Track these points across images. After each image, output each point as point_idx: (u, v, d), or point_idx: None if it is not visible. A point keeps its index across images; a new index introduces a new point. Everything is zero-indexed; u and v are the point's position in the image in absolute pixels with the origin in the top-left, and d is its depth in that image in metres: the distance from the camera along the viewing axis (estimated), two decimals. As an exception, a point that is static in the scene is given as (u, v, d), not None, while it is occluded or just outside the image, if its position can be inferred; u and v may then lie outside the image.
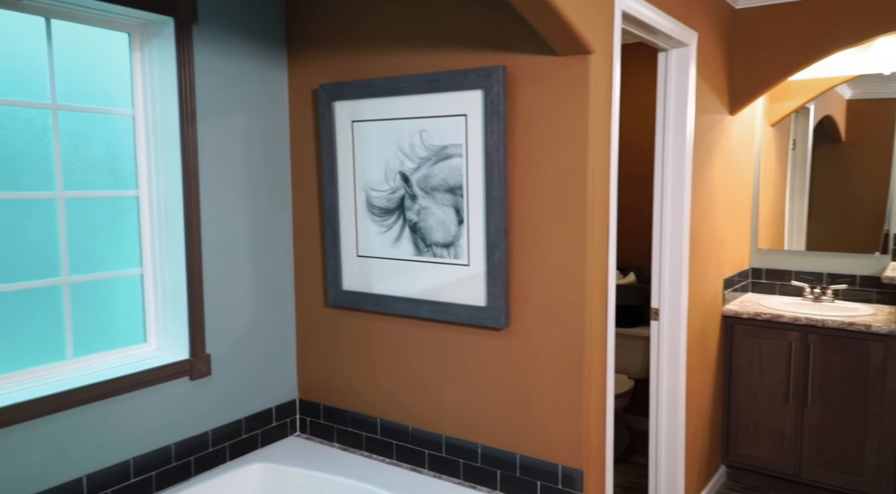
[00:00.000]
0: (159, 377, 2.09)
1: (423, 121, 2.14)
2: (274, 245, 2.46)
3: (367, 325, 2.37)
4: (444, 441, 2.21)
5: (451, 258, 2.13)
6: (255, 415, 2.40)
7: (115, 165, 2.13)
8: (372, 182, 2.28)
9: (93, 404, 1.93)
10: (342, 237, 2.37)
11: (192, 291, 2.18)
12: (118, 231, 2.15)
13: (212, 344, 2.25)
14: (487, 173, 2.01)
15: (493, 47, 2.00)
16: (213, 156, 2.23)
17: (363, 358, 2.39)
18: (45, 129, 1.95)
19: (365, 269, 2.34)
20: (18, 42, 1.88)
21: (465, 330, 2.14)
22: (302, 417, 2.56)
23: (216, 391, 2.27)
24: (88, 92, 2.05)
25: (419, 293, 2.21)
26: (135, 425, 2.04)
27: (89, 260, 2.07)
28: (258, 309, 2.41)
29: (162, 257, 2.21)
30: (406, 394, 2.29)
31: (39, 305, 1.96)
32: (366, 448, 2.39)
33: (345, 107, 2.30)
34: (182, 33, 2.10)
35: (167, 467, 2.12)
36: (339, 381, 2.46)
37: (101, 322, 2.11)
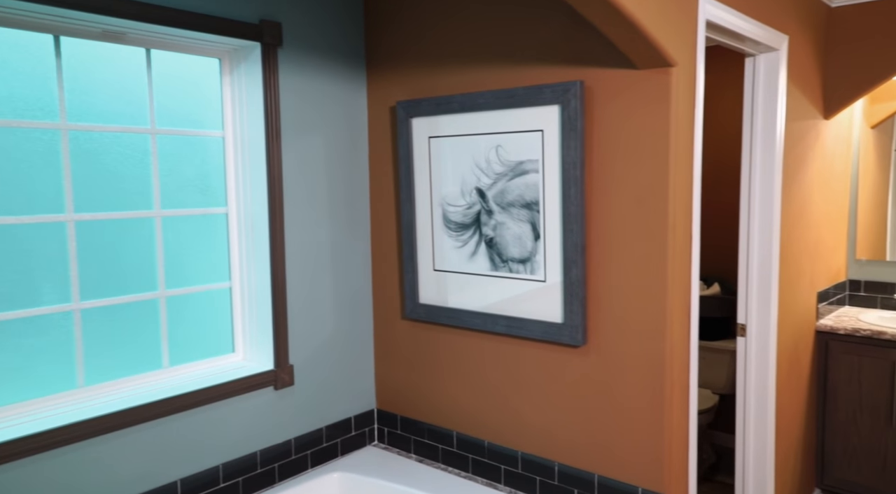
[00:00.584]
0: (246, 386, 2.18)
1: (500, 137, 2.14)
2: (353, 258, 2.52)
3: (443, 338, 2.39)
4: (521, 456, 2.20)
5: (528, 273, 2.12)
6: (335, 424, 2.47)
7: (207, 184, 2.25)
8: (448, 197, 2.30)
9: (187, 411, 2.04)
10: (419, 251, 2.41)
11: (276, 303, 2.27)
12: (209, 246, 2.27)
13: (294, 355, 2.34)
14: (564, 189, 1.99)
15: (571, 62, 1.97)
16: (296, 172, 2.31)
17: (439, 371, 2.41)
18: (145, 152, 2.08)
19: (441, 283, 2.36)
20: (122, 72, 2.02)
21: (541, 346, 2.13)
22: (380, 427, 2.61)
23: (298, 400, 2.35)
24: (182, 115, 2.17)
25: (495, 308, 2.22)
26: (224, 432, 2.14)
27: (183, 274, 2.19)
28: (338, 320, 2.48)
29: (248, 271, 2.31)
30: (482, 408, 2.30)
31: (139, 317, 2.09)
32: (442, 460, 2.42)
33: (422, 124, 2.33)
34: (268, 57, 2.19)
35: (253, 473, 2.22)
36: (415, 393, 2.49)
37: (193, 333, 2.23)
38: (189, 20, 1.97)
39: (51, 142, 1.87)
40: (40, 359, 1.88)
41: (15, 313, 1.83)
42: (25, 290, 1.85)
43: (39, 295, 1.88)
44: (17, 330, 1.84)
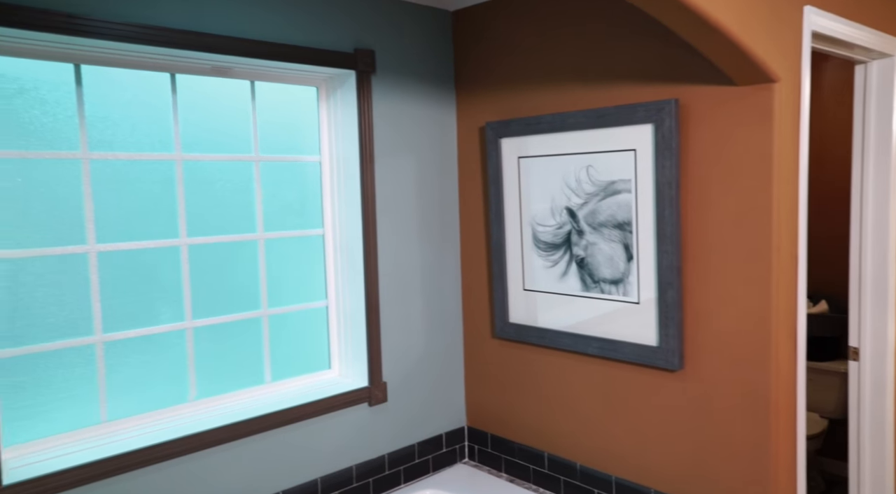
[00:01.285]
0: (342, 402, 2.26)
1: (591, 157, 2.12)
2: (443, 277, 2.56)
3: (533, 357, 2.38)
4: (615, 481, 2.15)
5: (620, 295, 2.09)
6: (426, 441, 2.51)
7: (304, 207, 2.35)
8: (538, 217, 2.30)
9: (287, 426, 2.13)
10: (508, 270, 2.41)
11: (370, 322, 2.33)
12: (307, 267, 2.37)
13: (388, 372, 2.40)
14: (658, 209, 1.95)
15: (664, 79, 1.93)
16: (389, 194, 2.38)
17: (530, 390, 2.40)
18: (249, 179, 2.20)
19: (531, 303, 2.36)
20: (227, 103, 2.15)
21: (635, 369, 2.08)
22: (470, 444, 2.63)
23: (392, 416, 2.41)
24: (282, 142, 2.28)
25: (586, 329, 2.19)
26: (322, 447, 2.22)
27: (283, 293, 2.30)
28: (429, 338, 2.52)
29: (344, 290, 2.40)
30: (573, 430, 2.27)
31: (244, 335, 2.21)
32: (533, 480, 2.40)
33: (511, 144, 2.35)
34: (362, 84, 2.27)
35: (349, 487, 2.29)
36: (506, 411, 2.49)
37: (292, 349, 2.33)
38: (291, 53, 2.07)
39: (167, 171, 2.02)
40: (157, 375, 2.02)
41: (137, 331, 1.97)
42: (145, 310, 1.99)
43: (157, 314, 2.02)
44: (138, 347, 1.98)
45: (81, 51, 1.79)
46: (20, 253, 1.76)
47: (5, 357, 1.75)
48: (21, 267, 1.77)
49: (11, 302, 1.76)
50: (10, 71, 1.74)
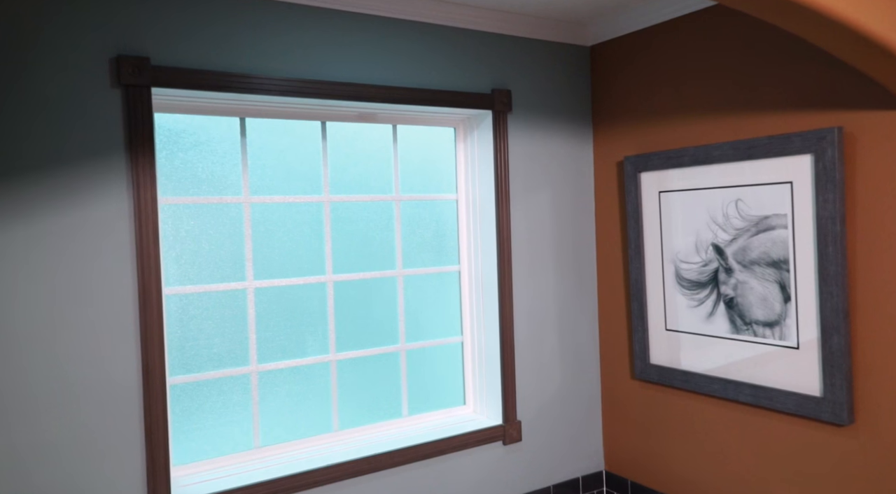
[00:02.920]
0: (477, 440, 2.25)
1: (739, 190, 2.00)
2: (580, 316, 2.51)
3: (677, 402, 2.25)
4: (773, 544, 1.97)
5: (776, 339, 1.93)
6: (562, 484, 2.44)
7: (441, 244, 2.40)
8: (681, 253, 2.20)
9: (423, 461, 2.16)
10: (649, 309, 2.31)
11: (504, 359, 2.32)
12: (444, 303, 2.41)
13: (522, 411, 2.36)
14: (820, 247, 1.79)
15: (824, 106, 1.79)
16: (524, 230, 2.38)
17: (673, 437, 2.27)
18: (390, 217, 2.29)
19: (674, 344, 2.24)
20: (370, 147, 2.27)
21: (795, 421, 1.90)
22: (609, 490, 2.52)
23: (526, 457, 2.37)
24: (421, 182, 2.36)
25: (737, 374, 2.04)
26: (456, 484, 2.22)
27: (420, 329, 2.36)
28: (565, 378, 2.47)
29: (479, 326, 2.41)
30: (722, 483, 2.10)
31: (383, 368, 2.28)
32: (678, 535, 2.25)
33: (651, 178, 2.27)
34: (498, 123, 2.31)
35: (483, 526, 2.26)
36: (647, 457, 2.36)
37: (428, 384, 2.37)
38: (431, 97, 2.15)
39: (316, 213, 2.15)
40: (304, 404, 2.13)
41: (287, 363, 2.10)
42: (294, 342, 2.12)
43: (305, 346, 2.14)
44: (287, 378, 2.11)
45: (247, 106, 1.97)
46: (191, 289, 1.95)
47: (177, 383, 1.93)
48: (190, 302, 1.95)
49: (182, 334, 1.94)
50: (187, 126, 1.95)
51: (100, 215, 1.68)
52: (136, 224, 1.72)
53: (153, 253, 1.74)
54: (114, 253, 1.70)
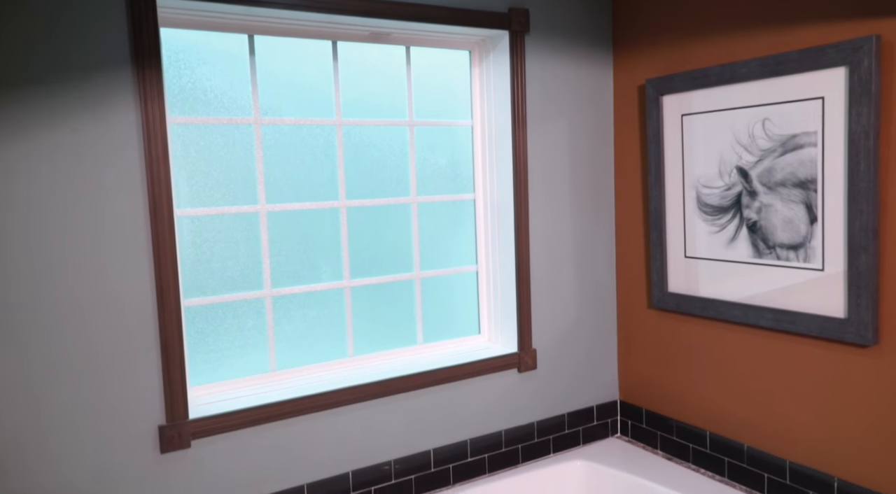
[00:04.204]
0: (492, 367, 2.25)
1: (767, 109, 1.92)
2: (596, 244, 2.46)
3: (695, 330, 2.22)
4: (789, 466, 1.96)
5: (800, 261, 1.88)
6: (576, 412, 2.44)
7: (456, 172, 2.35)
8: (703, 178, 2.13)
9: (438, 386, 2.16)
10: (668, 237, 2.27)
11: (520, 288, 2.30)
12: (458, 232, 2.38)
13: (537, 340, 2.35)
14: (851, 164, 1.72)
15: (859, 14, 1.70)
16: (541, 158, 2.32)
17: (690, 365, 2.25)
18: (404, 143, 2.24)
19: (693, 271, 2.20)
20: (384, 70, 2.20)
21: (816, 343, 1.87)
22: (623, 419, 2.52)
23: (541, 385, 2.37)
24: (435, 107, 2.29)
25: (758, 299, 2.00)
26: (471, 409, 2.23)
27: (435, 257, 2.33)
28: (581, 307, 2.44)
29: (494, 255, 2.38)
30: (740, 409, 2.09)
31: (398, 296, 2.26)
32: (693, 460, 2.25)
33: (673, 101, 2.19)
34: (515, 44, 2.22)
35: (497, 452, 2.28)
36: (663, 386, 2.36)
37: (443, 313, 2.36)
38: (446, 15, 2.07)
39: (328, 136, 2.10)
40: (319, 329, 2.13)
41: (300, 288, 2.08)
42: (309, 268, 2.10)
43: (319, 272, 2.12)
44: (302, 303, 2.09)
45: (255, 21, 1.90)
46: (203, 212, 1.92)
47: (191, 305, 1.92)
48: (202, 225, 1.92)
49: (195, 256, 1.92)
50: (195, 44, 1.88)
51: (108, 131, 1.64)
52: (146, 140, 1.68)
53: (163, 171, 1.71)
54: (124, 170, 1.67)
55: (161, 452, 1.73)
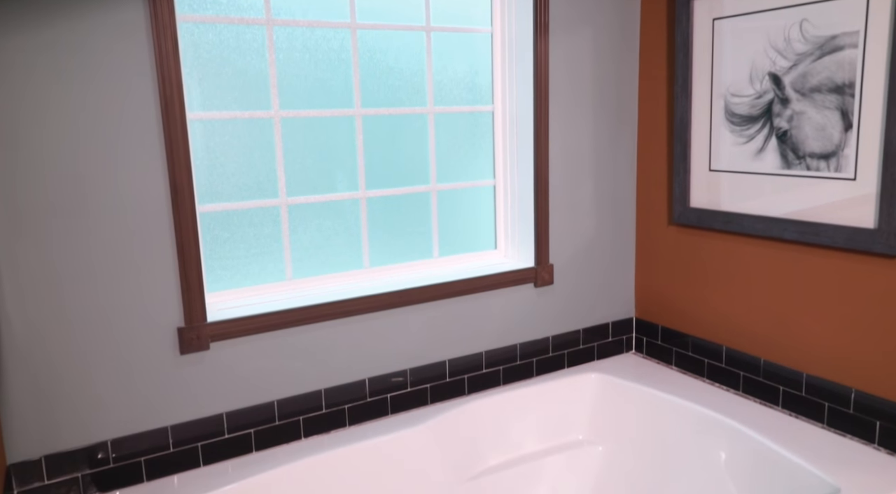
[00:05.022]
0: (509, 281, 2.23)
1: (805, 9, 1.81)
2: (617, 158, 2.40)
3: (715, 245, 2.19)
4: (806, 379, 1.96)
5: (831, 171, 1.82)
6: (592, 328, 2.44)
7: (475, 82, 2.27)
8: (732, 87, 2.05)
9: (454, 298, 2.15)
10: (693, 150, 2.20)
11: (538, 203, 2.26)
12: (475, 144, 2.32)
13: (555, 255, 2.33)
14: (894, 65, 1.63)
15: None
16: (562, 67, 2.23)
17: (709, 281, 2.23)
18: (420, 49, 2.16)
19: (716, 185, 2.14)
20: (400, -30, 2.09)
21: (842, 255, 1.83)
22: (638, 336, 2.52)
23: (557, 300, 2.36)
24: (454, 13, 2.19)
25: (783, 211, 1.95)
26: (486, 322, 2.23)
27: (451, 170, 2.28)
28: (599, 223, 2.40)
29: (512, 168, 2.33)
30: (759, 324, 2.08)
31: (414, 209, 2.23)
32: (707, 375, 2.26)
33: (704, 4, 2.08)
34: (538, -57, 2.10)
35: (512, 364, 2.29)
36: (680, 303, 2.34)
37: (459, 227, 2.33)
38: None
39: (343, 40, 2.03)
40: (335, 240, 2.11)
41: (316, 197, 2.06)
42: (324, 178, 2.06)
43: (334, 182, 2.09)
44: (318, 212, 2.07)
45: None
46: (215, 115, 1.87)
47: (206, 211, 1.90)
48: (215, 129, 1.88)
49: (208, 161, 1.88)
50: (201, -67, 1.79)
51: (116, 28, 1.58)
52: (155, 37, 1.62)
53: (174, 70, 1.65)
54: (133, 69, 1.61)
55: (181, 353, 1.75)
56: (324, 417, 1.97)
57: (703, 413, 1.98)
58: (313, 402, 1.95)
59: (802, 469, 1.66)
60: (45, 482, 1.62)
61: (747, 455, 1.83)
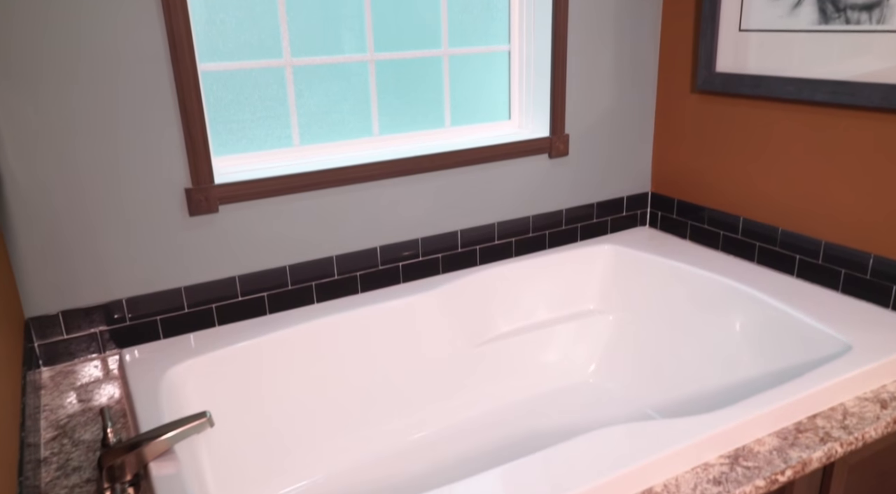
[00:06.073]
0: (522, 150, 2.17)
1: None
2: (640, 21, 2.26)
3: (740, 112, 2.09)
4: (824, 247, 1.92)
5: (872, 23, 1.69)
6: (606, 202, 2.40)
7: (490, -67, 2.11)
8: (771, -66, 1.88)
9: (466, 167, 2.10)
10: (722, 8, 2.05)
11: (555, 69, 2.15)
12: (489, 6, 2.18)
13: (570, 125, 2.25)
14: None
15: None
16: (586, -84, 2.05)
17: (730, 149, 2.15)
18: None
19: (745, 46, 2.02)
20: None
21: (876, 116, 1.74)
22: (653, 211, 2.48)
23: (571, 172, 2.30)
24: None
25: (815, 71, 1.84)
26: (499, 193, 2.18)
27: (463, 34, 2.16)
28: (618, 91, 2.30)
29: (528, 33, 2.20)
30: (780, 192, 2.02)
31: (425, 75, 2.13)
32: (722, 247, 2.23)
33: None
34: None
35: (525, 236, 2.27)
36: (698, 175, 2.28)
37: (471, 96, 2.23)
38: None
39: None
40: (343, 106, 2.03)
41: (322, 58, 1.96)
42: (331, 38, 1.96)
43: (340, 44, 1.98)
44: (325, 75, 1.98)
45: None
46: (212, -37, 1.75)
47: (208, 70, 1.82)
48: (214, -21, 1.76)
49: (207, 16, 1.78)
50: None
51: None
52: None
53: None
54: None
55: (190, 215, 1.73)
56: (336, 283, 1.98)
57: (716, 280, 1.97)
58: (325, 269, 1.95)
59: (814, 328, 1.66)
60: (64, 336, 1.65)
61: (758, 319, 1.83)
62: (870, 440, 1.34)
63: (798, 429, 1.35)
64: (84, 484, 1.23)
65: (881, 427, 1.36)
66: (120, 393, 1.54)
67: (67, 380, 1.59)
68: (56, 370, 1.64)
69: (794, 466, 1.25)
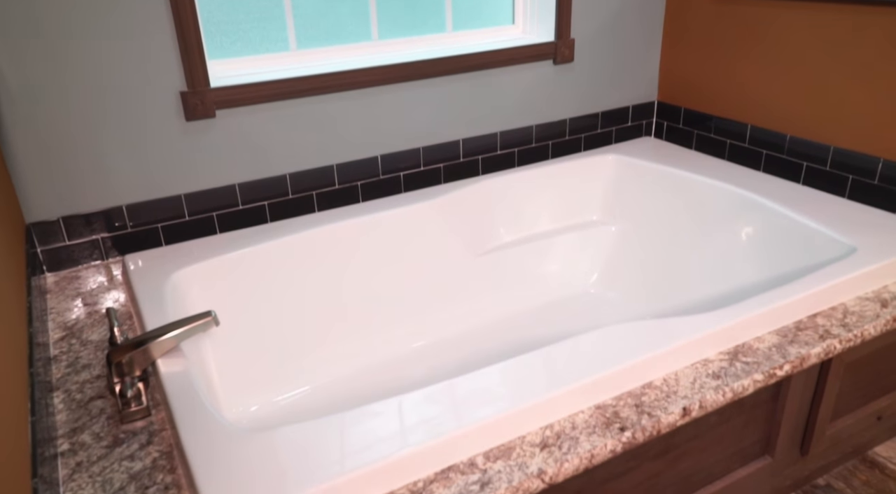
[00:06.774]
0: (527, 55, 2.10)
1: None
2: (653, -83, 2.14)
3: (752, 14, 2.01)
4: (832, 153, 1.89)
5: (900, -89, 1.60)
6: (611, 112, 2.35)
7: None
8: None
9: (469, 73, 2.04)
10: None
11: (562, -33, 2.05)
12: None
13: (577, 29, 2.16)
14: None
15: None
16: None
17: (740, 56, 2.08)
18: None
19: (764, -58, 1.91)
20: None
21: (889, 11, 1.67)
22: (659, 121, 2.43)
23: (576, 79, 2.23)
24: None
25: (836, -32, 1.76)
26: (502, 101, 2.13)
27: (467, -72, 2.05)
28: (627, -6, 2.21)
29: (534, -71, 2.09)
30: (790, 98, 1.97)
31: (425, -27, 2.04)
32: (728, 157, 2.20)
33: None
34: None
35: (528, 146, 2.23)
36: (706, 82, 2.21)
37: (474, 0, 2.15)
38: None
39: None
40: (340, 7, 1.95)
41: (317, -45, 1.86)
42: (324, -69, 1.86)
43: (336, -62, 1.88)
44: (320, -26, 1.89)
45: None
46: None
47: (197, -33, 1.73)
48: None
49: None
50: None
51: None
52: None
53: None
54: None
55: (186, 119, 1.69)
56: (336, 192, 1.96)
57: (721, 188, 1.95)
58: (326, 178, 1.93)
59: (819, 233, 1.66)
60: (66, 242, 1.65)
61: (763, 226, 1.82)
62: (868, 337, 1.36)
63: (798, 327, 1.36)
64: (94, 380, 1.25)
65: (880, 325, 1.37)
66: (125, 296, 1.55)
67: (72, 285, 1.60)
68: (60, 275, 1.65)
69: (792, 361, 1.26)
